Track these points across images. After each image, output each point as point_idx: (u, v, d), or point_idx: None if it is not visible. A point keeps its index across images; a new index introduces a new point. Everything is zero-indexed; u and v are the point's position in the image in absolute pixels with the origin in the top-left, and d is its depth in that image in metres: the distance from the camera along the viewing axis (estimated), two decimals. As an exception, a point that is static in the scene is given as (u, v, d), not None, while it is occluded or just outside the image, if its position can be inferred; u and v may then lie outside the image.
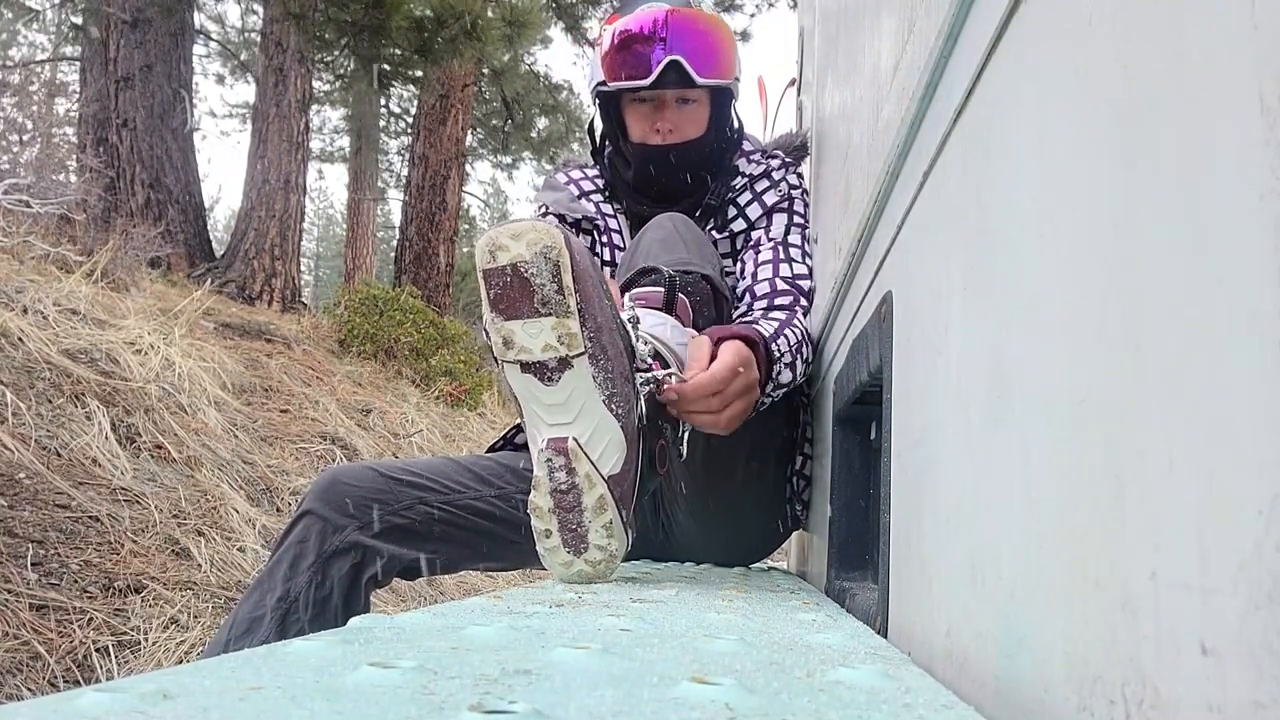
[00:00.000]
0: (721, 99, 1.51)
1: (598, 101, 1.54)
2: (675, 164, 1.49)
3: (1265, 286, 0.24)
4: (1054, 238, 0.41)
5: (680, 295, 1.18)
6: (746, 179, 1.53)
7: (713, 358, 1.07)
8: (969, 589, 0.50)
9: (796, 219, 1.49)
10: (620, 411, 0.89)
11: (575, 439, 0.87)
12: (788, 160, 1.57)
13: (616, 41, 1.45)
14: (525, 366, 0.87)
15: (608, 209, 1.57)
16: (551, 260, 0.83)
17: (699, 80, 1.42)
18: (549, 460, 0.87)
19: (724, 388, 1.05)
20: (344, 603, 1.24)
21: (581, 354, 0.85)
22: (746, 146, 1.59)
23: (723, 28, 1.49)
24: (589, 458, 0.87)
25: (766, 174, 1.53)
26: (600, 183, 1.60)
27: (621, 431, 0.89)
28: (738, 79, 1.51)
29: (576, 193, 1.59)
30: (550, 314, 0.84)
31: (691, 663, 0.46)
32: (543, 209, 1.57)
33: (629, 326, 0.97)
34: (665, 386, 1.01)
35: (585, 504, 0.87)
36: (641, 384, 0.96)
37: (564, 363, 0.86)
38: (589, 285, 0.86)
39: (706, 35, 1.44)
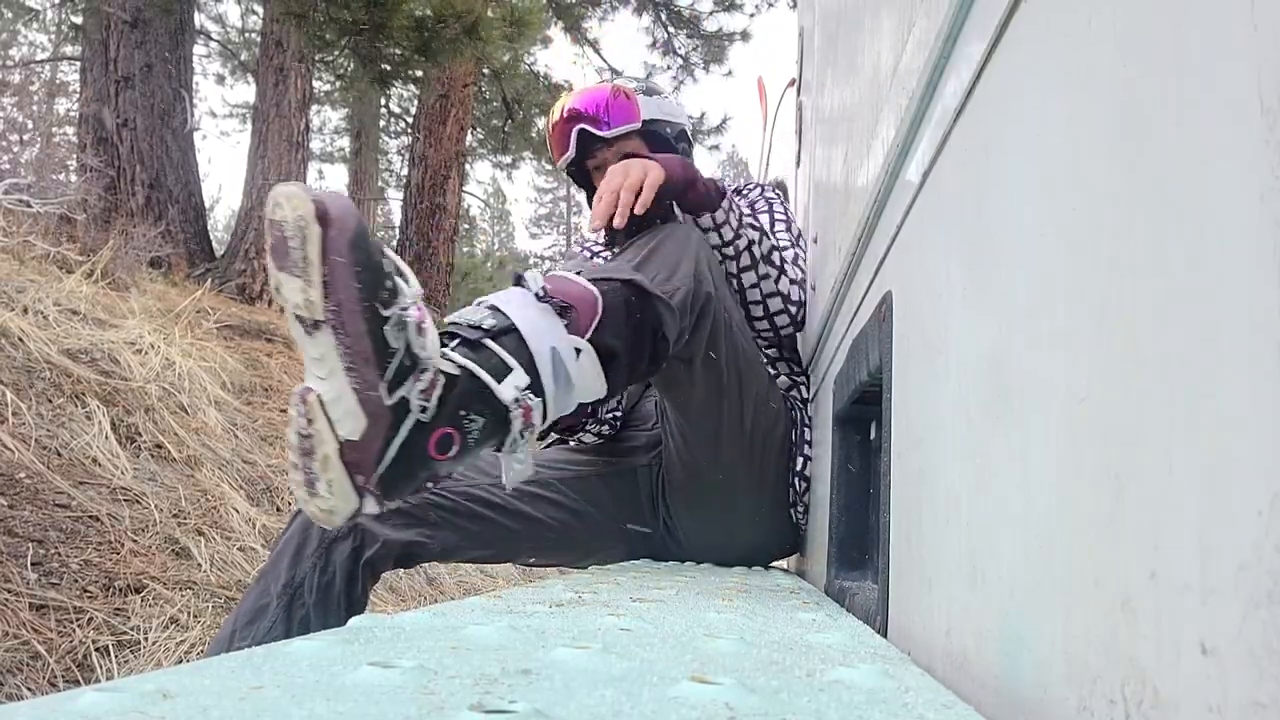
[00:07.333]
0: (655, 141, 1.71)
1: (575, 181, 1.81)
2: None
3: (1265, 286, 0.24)
4: (1054, 237, 0.41)
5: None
6: None
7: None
8: (969, 589, 0.50)
9: (778, 214, 1.68)
10: (358, 388, 0.92)
11: (320, 396, 0.91)
12: (761, 185, 1.78)
13: (549, 132, 1.76)
14: (294, 315, 0.91)
15: None
16: (301, 230, 0.87)
17: (605, 135, 1.67)
18: (296, 406, 0.92)
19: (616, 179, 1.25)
20: (346, 588, 1.27)
21: (323, 322, 0.89)
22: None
23: (615, 88, 1.75)
24: (327, 416, 0.91)
25: (737, 191, 1.73)
26: (606, 239, 1.76)
27: (360, 406, 0.92)
28: (654, 120, 1.71)
29: (589, 255, 1.80)
30: (299, 277, 0.88)
31: (691, 662, 0.46)
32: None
33: (390, 323, 0.96)
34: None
35: (316, 455, 0.92)
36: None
37: (316, 324, 0.90)
38: (339, 267, 0.88)
39: (599, 98, 1.71)
